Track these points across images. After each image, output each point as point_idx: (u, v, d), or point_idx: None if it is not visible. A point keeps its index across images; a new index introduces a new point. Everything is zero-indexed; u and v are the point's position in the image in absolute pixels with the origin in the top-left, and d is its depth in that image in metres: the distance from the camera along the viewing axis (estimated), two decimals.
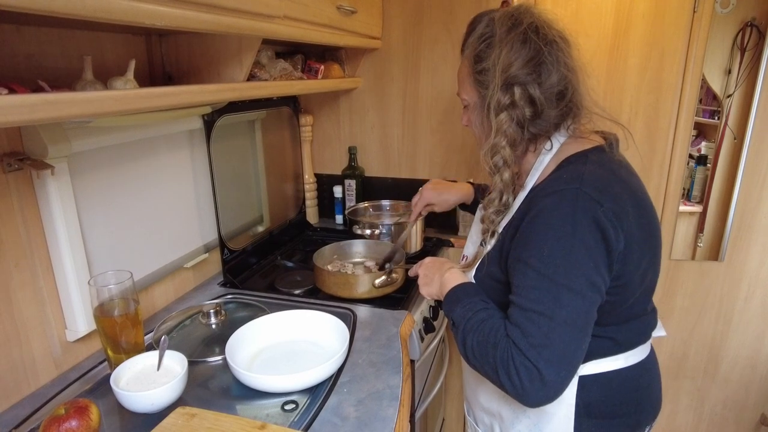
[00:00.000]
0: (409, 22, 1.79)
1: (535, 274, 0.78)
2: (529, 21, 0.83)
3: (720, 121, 2.11)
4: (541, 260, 0.77)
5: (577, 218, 0.77)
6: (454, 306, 0.91)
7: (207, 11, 0.85)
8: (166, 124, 1.27)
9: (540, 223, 0.80)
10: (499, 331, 0.81)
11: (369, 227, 1.68)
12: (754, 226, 2.00)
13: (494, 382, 0.82)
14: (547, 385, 0.75)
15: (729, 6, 2.01)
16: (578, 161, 0.85)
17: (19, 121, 0.64)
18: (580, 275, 0.76)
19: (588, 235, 0.77)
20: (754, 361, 2.13)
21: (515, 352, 0.77)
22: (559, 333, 0.75)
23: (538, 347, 0.75)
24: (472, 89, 0.91)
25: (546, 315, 0.76)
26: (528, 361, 0.75)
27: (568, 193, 0.79)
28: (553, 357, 0.75)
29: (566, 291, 0.76)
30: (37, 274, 1.00)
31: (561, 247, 0.77)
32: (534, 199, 0.85)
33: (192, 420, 0.87)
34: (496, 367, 0.79)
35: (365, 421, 0.90)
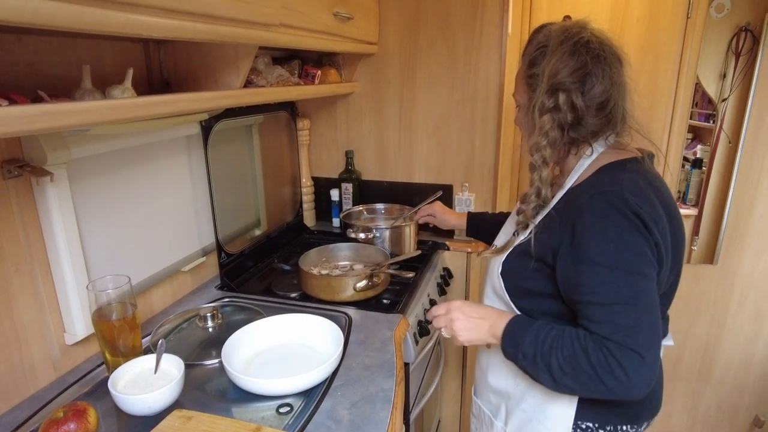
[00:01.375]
0: (406, 28, 1.81)
1: (606, 271, 0.83)
2: (581, 36, 0.90)
3: (715, 125, 2.13)
4: (609, 256, 0.83)
5: (628, 214, 0.83)
6: (520, 339, 0.92)
7: (203, 21, 0.87)
8: (164, 131, 1.28)
9: (595, 223, 0.85)
10: (581, 338, 0.85)
11: (363, 231, 1.70)
12: (748, 230, 2.02)
13: (592, 391, 0.85)
14: (649, 366, 0.80)
15: (724, 11, 2.03)
16: (617, 168, 0.92)
17: (18, 132, 0.66)
18: (646, 261, 0.84)
19: (640, 227, 0.84)
20: (748, 363, 2.15)
21: (612, 346, 0.81)
22: (645, 316, 0.82)
23: (632, 334, 0.80)
24: (524, 91, 0.99)
25: (630, 303, 0.82)
26: (627, 350, 0.80)
27: (612, 194, 0.85)
28: (647, 339, 0.81)
29: (640, 277, 0.83)
30: (36, 279, 1.01)
31: (624, 240, 0.83)
32: (575, 200, 0.91)
33: (188, 423, 0.89)
34: (595, 370, 0.82)
35: (358, 424, 0.92)
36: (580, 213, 0.87)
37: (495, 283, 1.04)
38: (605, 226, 0.84)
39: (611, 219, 0.84)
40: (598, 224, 0.85)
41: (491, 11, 1.72)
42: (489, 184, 1.88)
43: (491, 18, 1.72)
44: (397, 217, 1.88)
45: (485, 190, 1.89)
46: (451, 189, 1.92)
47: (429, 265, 1.68)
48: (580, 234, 0.86)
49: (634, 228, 0.83)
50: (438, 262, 1.76)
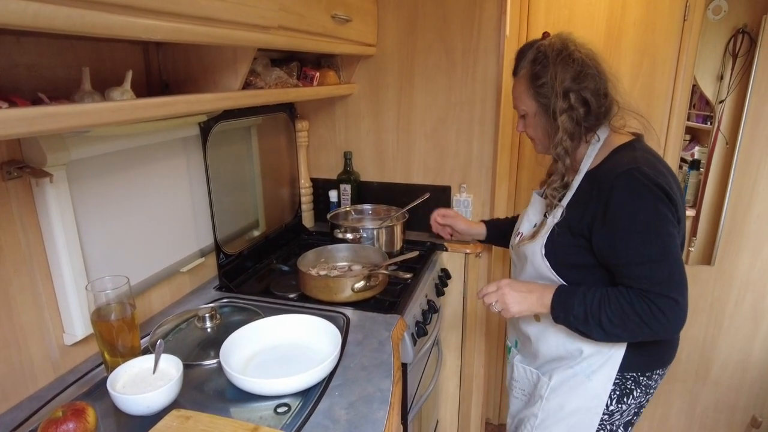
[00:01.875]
0: (404, 30, 1.82)
1: (640, 236, 1.02)
2: (571, 46, 1.11)
3: (712, 127, 2.14)
4: (642, 223, 1.02)
5: (651, 187, 1.02)
6: (569, 303, 1.10)
7: (202, 24, 0.88)
8: (163, 132, 1.29)
9: (627, 198, 1.03)
10: (624, 294, 1.04)
11: (351, 231, 1.71)
12: (744, 231, 2.02)
13: (638, 336, 1.06)
14: (682, 308, 1.01)
15: (721, 13, 2.04)
16: (628, 149, 1.11)
17: (18, 134, 0.67)
18: (668, 223, 1.02)
19: (661, 196, 1.02)
20: (745, 363, 2.15)
21: (652, 296, 1.01)
22: (675, 268, 1.02)
23: (667, 283, 1.01)
24: (531, 100, 1.17)
25: (662, 260, 1.01)
26: (664, 297, 1.00)
27: (634, 171, 1.03)
28: (679, 286, 1.01)
29: (667, 237, 1.01)
30: (35, 280, 1.02)
31: (650, 208, 1.02)
32: (600, 180, 1.09)
33: (187, 422, 0.89)
34: (640, 318, 1.01)
35: (356, 423, 0.93)
36: (611, 191, 1.04)
37: (540, 265, 1.19)
38: (633, 199, 1.02)
39: (637, 192, 1.02)
40: (628, 198, 1.03)
41: (489, 13, 1.73)
42: (487, 185, 1.89)
43: (489, 20, 1.73)
44: (384, 217, 1.89)
45: (483, 191, 1.90)
46: (450, 190, 1.93)
47: (427, 265, 1.69)
48: (613, 208, 1.04)
49: (657, 197, 1.01)
50: (436, 262, 1.77)
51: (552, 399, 1.23)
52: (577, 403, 1.20)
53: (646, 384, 1.19)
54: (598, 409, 1.18)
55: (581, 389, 1.19)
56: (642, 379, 1.18)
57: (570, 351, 1.20)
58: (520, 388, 1.37)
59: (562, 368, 1.21)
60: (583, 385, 1.18)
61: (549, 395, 1.23)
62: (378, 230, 1.74)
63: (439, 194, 1.93)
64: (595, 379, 1.17)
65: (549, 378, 1.24)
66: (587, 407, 1.19)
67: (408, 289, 1.49)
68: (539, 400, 1.25)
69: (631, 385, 1.18)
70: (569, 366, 1.20)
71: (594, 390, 1.18)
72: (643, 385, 1.19)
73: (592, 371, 1.17)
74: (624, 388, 1.18)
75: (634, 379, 1.17)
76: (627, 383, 1.17)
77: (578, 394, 1.19)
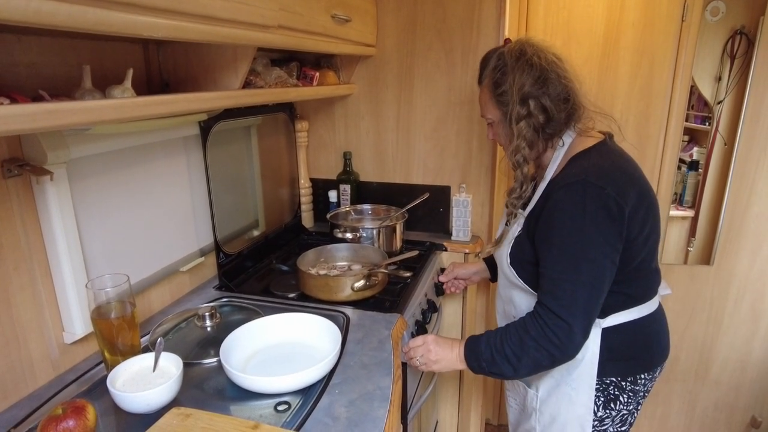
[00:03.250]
0: (403, 30, 1.82)
1: (557, 251, 1.02)
2: (531, 50, 1.08)
3: (711, 127, 2.15)
4: (562, 239, 1.01)
5: (586, 203, 0.99)
6: (477, 350, 1.10)
7: (203, 22, 0.88)
8: (163, 131, 1.29)
9: (558, 210, 1.02)
10: (520, 324, 1.05)
11: (351, 231, 1.71)
12: (743, 231, 2.03)
13: (541, 363, 1.04)
14: (575, 335, 0.99)
15: (719, 14, 2.05)
16: (583, 158, 1.08)
17: (19, 130, 0.67)
18: (592, 247, 0.99)
19: (596, 214, 0.98)
20: (744, 363, 2.16)
21: (545, 315, 1.01)
22: (581, 293, 0.99)
23: (566, 306, 0.99)
24: (495, 109, 1.15)
25: (570, 280, 1.00)
26: (559, 319, 0.99)
27: (576, 185, 1.01)
28: (578, 311, 0.99)
29: (583, 260, 0.99)
30: (35, 278, 1.02)
31: (575, 227, 1.00)
32: (550, 191, 1.07)
33: (187, 420, 0.89)
34: (536, 342, 1.01)
35: (356, 421, 0.93)
36: (552, 201, 1.04)
37: (507, 272, 1.19)
38: (564, 215, 1.01)
39: (569, 209, 1.01)
40: (559, 212, 1.02)
41: (488, 13, 1.73)
42: (486, 185, 1.89)
43: (488, 20, 1.73)
44: (383, 217, 1.89)
45: (482, 192, 1.90)
46: (449, 190, 1.93)
47: (426, 265, 1.69)
48: (543, 218, 1.05)
49: (591, 217, 0.99)
50: (435, 262, 1.77)
51: (545, 411, 1.21)
52: (566, 414, 1.18)
53: (632, 389, 1.16)
54: (588, 417, 1.16)
55: (568, 400, 1.17)
56: (625, 384, 1.15)
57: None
58: (512, 397, 1.37)
59: (546, 378, 1.19)
60: (569, 396, 1.16)
61: (541, 407, 1.22)
62: (377, 230, 1.74)
63: (439, 194, 1.93)
64: (579, 389, 1.15)
65: (536, 390, 1.22)
66: (577, 416, 1.17)
67: (408, 288, 1.50)
68: (533, 413, 1.24)
69: (615, 391, 1.15)
70: (551, 376, 1.18)
71: (579, 399, 1.15)
72: (628, 390, 1.16)
73: (572, 380, 1.15)
74: (608, 394, 1.15)
75: (616, 384, 1.15)
76: (610, 389, 1.15)
77: (566, 405, 1.17)
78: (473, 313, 1.97)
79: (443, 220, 1.96)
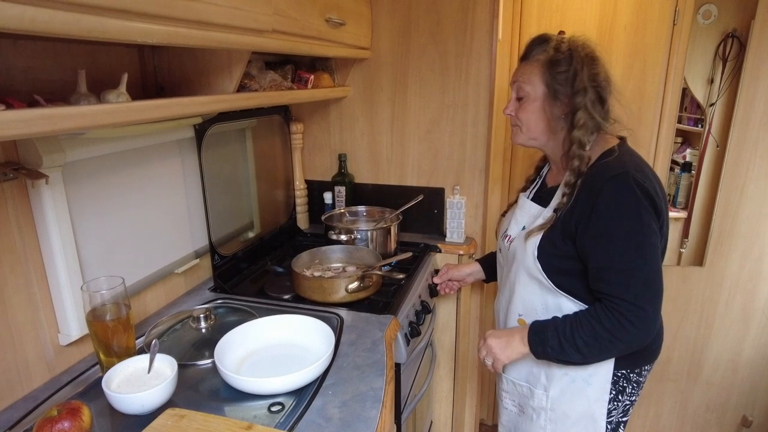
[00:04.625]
0: (398, 33, 1.84)
1: (622, 242, 1.04)
2: (591, 48, 1.14)
3: (703, 129, 2.17)
4: (624, 230, 1.04)
5: (638, 193, 1.03)
6: (544, 337, 1.12)
7: (197, 28, 0.89)
8: (159, 134, 1.30)
9: (613, 203, 1.04)
10: (592, 314, 1.08)
11: (345, 232, 1.72)
12: (734, 232, 2.05)
13: (613, 351, 1.09)
14: (652, 319, 1.04)
15: (711, 17, 2.07)
16: (618, 152, 1.11)
17: (15, 135, 0.68)
18: (652, 233, 1.04)
19: (647, 203, 1.03)
20: (735, 364, 2.18)
21: (622, 307, 1.03)
22: (651, 277, 1.04)
23: (641, 293, 1.03)
24: (542, 84, 1.16)
25: (639, 269, 1.03)
26: (638, 308, 1.03)
27: (622, 176, 1.04)
28: (651, 296, 1.04)
29: (648, 246, 1.03)
30: (31, 280, 1.03)
31: (634, 216, 1.03)
32: (590, 182, 1.08)
33: (181, 421, 0.90)
34: (611, 334, 1.04)
35: (349, 422, 0.94)
36: (599, 193, 1.05)
37: (531, 267, 1.19)
38: (620, 204, 1.04)
39: (625, 198, 1.03)
40: (615, 203, 1.04)
41: (481, 17, 1.74)
42: (480, 186, 1.91)
43: (481, 24, 1.75)
44: (378, 219, 1.90)
45: (476, 193, 1.92)
46: (443, 192, 1.94)
47: (420, 266, 1.70)
48: (600, 212, 1.05)
49: (644, 206, 1.03)
50: (430, 263, 1.79)
51: (557, 409, 1.23)
52: (581, 408, 1.21)
53: (636, 380, 1.21)
54: (602, 410, 1.20)
55: (583, 395, 1.20)
56: (632, 376, 1.20)
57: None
58: (510, 399, 1.37)
59: (558, 376, 1.21)
60: (584, 391, 1.19)
61: (552, 406, 1.23)
62: (372, 232, 1.75)
63: (433, 196, 1.94)
64: (594, 383, 1.18)
65: (545, 390, 1.24)
66: (591, 410, 1.20)
67: (401, 289, 1.51)
68: (541, 413, 1.26)
69: (624, 383, 1.20)
70: (564, 373, 1.20)
71: (595, 393, 1.19)
72: (633, 382, 1.21)
73: (589, 375, 1.18)
74: (618, 386, 1.19)
75: (625, 376, 1.19)
76: (620, 381, 1.19)
77: (581, 400, 1.20)
78: (467, 314, 1.98)
79: (437, 222, 1.98)
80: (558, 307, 1.18)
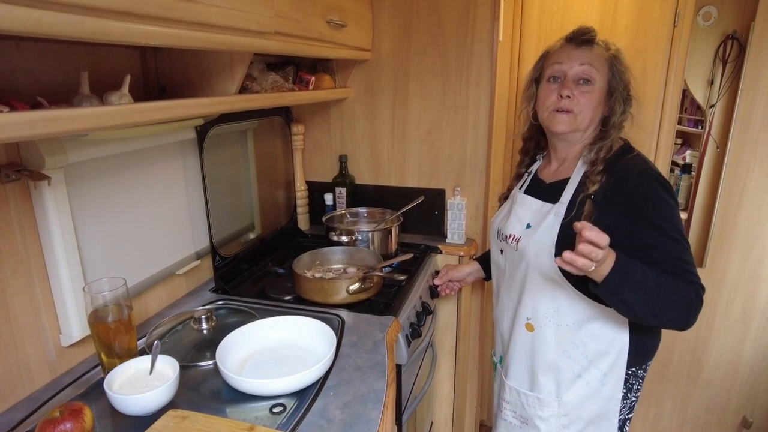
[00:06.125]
0: (399, 35, 1.84)
1: (675, 234, 1.06)
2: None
3: (703, 131, 2.17)
4: (672, 222, 1.07)
5: (668, 187, 1.09)
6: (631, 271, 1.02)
7: (199, 30, 0.89)
8: (160, 135, 1.30)
9: (653, 197, 1.07)
10: (677, 282, 1.05)
11: (346, 234, 1.73)
12: (734, 234, 2.05)
13: (674, 322, 1.07)
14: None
15: (711, 19, 2.07)
16: (632, 150, 1.16)
17: (19, 137, 0.68)
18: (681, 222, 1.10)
19: (674, 196, 1.09)
20: (735, 365, 2.18)
21: (700, 288, 1.07)
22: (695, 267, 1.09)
23: (698, 277, 1.07)
24: (604, 79, 1.17)
25: (689, 254, 1.08)
26: (702, 288, 1.07)
27: (652, 173, 1.09)
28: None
29: (684, 233, 1.08)
30: (33, 281, 1.03)
31: (673, 207, 1.08)
32: (620, 180, 1.09)
33: (183, 422, 0.90)
34: (689, 303, 1.04)
35: (350, 423, 0.94)
36: (636, 190, 1.08)
37: (544, 264, 1.16)
38: (661, 199, 1.07)
39: (663, 192, 1.07)
40: (657, 198, 1.07)
41: (482, 19, 1.75)
42: (480, 188, 1.91)
43: (482, 25, 1.75)
44: (379, 220, 1.91)
45: (476, 195, 1.92)
46: (444, 193, 1.95)
47: (421, 267, 1.71)
48: (644, 208, 1.07)
49: (673, 197, 1.08)
50: (430, 265, 1.79)
51: (570, 413, 1.23)
52: (595, 409, 1.21)
53: (642, 376, 1.24)
54: (615, 408, 1.21)
55: (598, 396, 1.20)
56: (640, 372, 1.22)
57: (573, 357, 1.20)
58: (511, 410, 1.34)
59: (569, 380, 1.21)
60: (599, 392, 1.20)
61: (566, 411, 1.23)
62: (373, 233, 1.75)
63: (434, 197, 1.95)
64: (608, 382, 1.19)
65: (556, 396, 1.23)
66: (606, 410, 1.21)
67: (402, 291, 1.51)
68: (552, 419, 1.25)
69: (632, 380, 1.21)
70: (577, 375, 1.20)
71: (609, 393, 1.20)
72: (640, 378, 1.23)
73: (603, 374, 1.19)
74: (627, 384, 1.20)
75: (634, 373, 1.21)
76: (630, 379, 1.20)
77: (595, 401, 1.21)
78: (468, 315, 1.98)
79: (438, 223, 1.98)
80: (571, 308, 1.17)
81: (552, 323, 1.20)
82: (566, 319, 1.19)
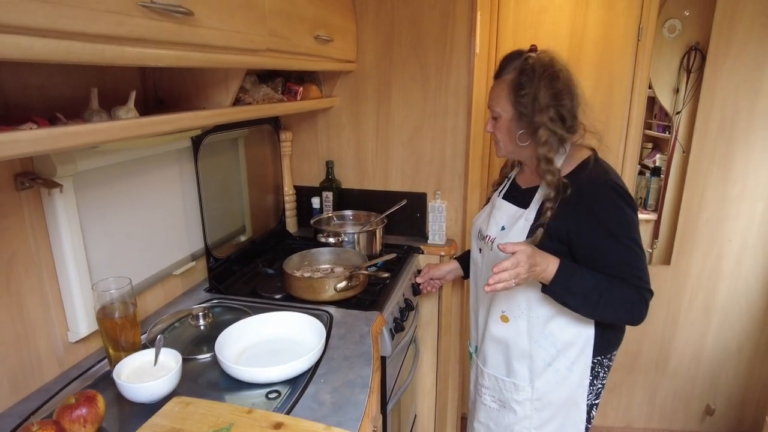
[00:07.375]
0: (381, 47, 1.94)
1: (628, 242, 1.17)
2: (559, 64, 1.21)
3: (671, 136, 2.31)
4: (626, 231, 1.18)
5: (625, 196, 1.18)
6: (571, 280, 1.18)
7: (201, 51, 0.98)
8: (159, 144, 1.38)
9: (610, 207, 1.17)
10: (621, 285, 1.17)
11: (333, 235, 1.82)
12: (696, 233, 2.19)
13: (619, 318, 1.24)
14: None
15: (675, 31, 2.21)
16: (595, 163, 1.24)
17: (44, 151, 0.77)
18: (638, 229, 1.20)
19: (632, 204, 1.18)
20: (699, 356, 2.32)
21: (643, 290, 1.18)
22: (646, 267, 1.21)
23: (648, 282, 1.19)
24: (509, 106, 1.25)
25: (642, 261, 1.19)
26: (650, 293, 1.19)
27: (610, 183, 1.18)
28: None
29: (639, 241, 1.19)
30: (43, 281, 1.11)
31: (629, 216, 1.18)
32: (580, 191, 1.18)
33: (188, 407, 0.99)
34: (632, 305, 1.18)
35: (340, 405, 1.04)
36: (595, 200, 1.18)
37: None
38: (617, 208, 1.17)
39: (619, 202, 1.17)
40: (612, 207, 1.17)
41: (460, 32, 1.86)
42: (459, 191, 2.02)
43: (460, 38, 1.86)
44: (364, 222, 2.00)
45: (456, 197, 2.03)
46: (425, 197, 2.05)
47: (404, 266, 1.81)
48: (601, 216, 1.17)
49: (630, 205, 1.18)
50: (413, 264, 1.89)
51: (542, 398, 1.34)
52: (565, 395, 1.33)
53: (607, 365, 1.35)
54: (583, 394, 1.32)
55: (566, 382, 1.32)
56: (605, 361, 1.34)
57: (543, 346, 1.31)
58: (490, 394, 1.45)
59: (541, 368, 1.32)
60: (568, 379, 1.31)
61: (538, 396, 1.34)
62: (358, 234, 1.85)
63: (416, 201, 2.05)
64: (576, 370, 1.30)
65: (530, 382, 1.34)
66: (574, 396, 1.33)
67: (386, 288, 1.61)
68: (527, 403, 1.36)
69: (598, 368, 1.33)
70: (548, 363, 1.31)
71: (576, 379, 1.31)
72: (605, 366, 1.34)
73: (571, 363, 1.30)
74: (593, 372, 1.32)
75: (599, 362, 1.32)
76: (595, 367, 1.32)
77: (564, 387, 1.32)
78: (448, 311, 2.09)
79: (420, 225, 2.08)
80: (540, 303, 1.28)
81: (525, 315, 1.31)
82: (537, 312, 1.30)
